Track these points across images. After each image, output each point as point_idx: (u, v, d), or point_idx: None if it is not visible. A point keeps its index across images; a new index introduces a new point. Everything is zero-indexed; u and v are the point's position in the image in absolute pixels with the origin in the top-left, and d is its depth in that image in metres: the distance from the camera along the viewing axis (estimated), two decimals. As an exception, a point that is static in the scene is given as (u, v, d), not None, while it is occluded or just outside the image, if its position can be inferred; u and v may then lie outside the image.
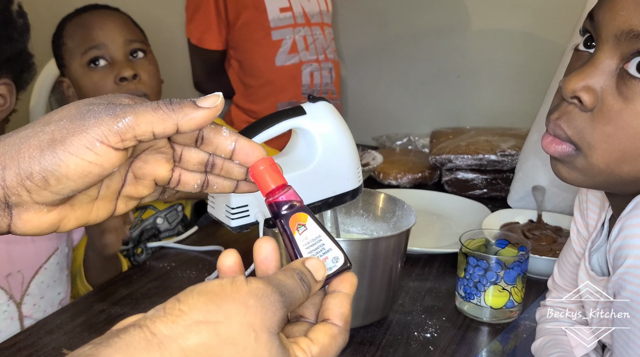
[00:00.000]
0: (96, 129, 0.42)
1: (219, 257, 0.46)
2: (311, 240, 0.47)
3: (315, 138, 0.69)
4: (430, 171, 1.54)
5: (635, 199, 0.57)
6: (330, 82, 1.84)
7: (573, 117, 0.58)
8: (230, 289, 0.40)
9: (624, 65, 0.55)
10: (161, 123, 0.43)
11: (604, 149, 0.57)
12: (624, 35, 0.54)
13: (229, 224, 0.69)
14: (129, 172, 0.49)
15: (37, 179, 0.42)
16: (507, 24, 1.78)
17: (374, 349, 0.88)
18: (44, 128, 0.43)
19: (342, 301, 0.47)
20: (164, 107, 0.44)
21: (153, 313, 0.39)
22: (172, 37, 1.92)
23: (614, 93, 0.56)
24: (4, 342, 0.89)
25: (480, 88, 1.87)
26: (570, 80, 0.57)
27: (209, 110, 0.45)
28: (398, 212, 0.99)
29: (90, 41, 1.21)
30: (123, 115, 0.43)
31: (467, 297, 0.96)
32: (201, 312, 0.39)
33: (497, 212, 1.25)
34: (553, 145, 0.60)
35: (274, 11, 1.71)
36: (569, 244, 0.78)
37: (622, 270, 0.57)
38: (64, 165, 0.42)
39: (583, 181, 0.60)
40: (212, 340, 0.38)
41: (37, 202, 0.44)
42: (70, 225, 0.47)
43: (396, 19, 1.94)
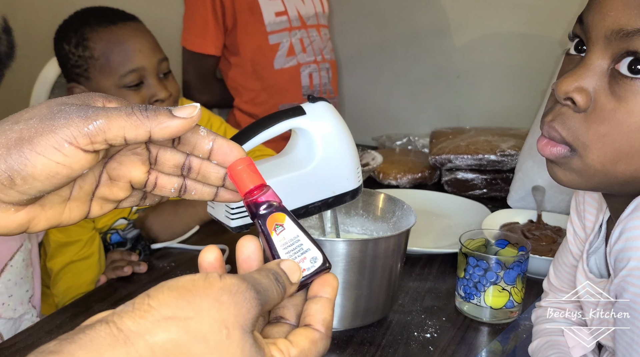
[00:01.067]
0: (65, 129, 0.41)
1: (200, 252, 0.46)
2: (289, 240, 0.47)
3: (315, 138, 0.69)
4: (430, 171, 1.54)
5: (635, 201, 0.57)
6: (328, 81, 1.85)
7: (567, 119, 0.59)
8: (203, 284, 0.39)
9: (615, 65, 0.56)
10: (133, 129, 0.43)
11: (599, 148, 0.57)
12: (614, 35, 0.55)
13: (229, 224, 0.68)
14: (103, 173, 0.48)
15: (2, 178, 0.41)
16: (507, 24, 1.78)
17: (373, 349, 0.88)
18: (13, 126, 0.42)
19: (324, 306, 0.46)
20: (137, 113, 0.43)
21: (122, 309, 0.38)
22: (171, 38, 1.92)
23: (606, 93, 0.56)
24: (4, 342, 0.89)
25: (480, 88, 1.87)
26: (563, 82, 0.58)
27: (184, 121, 0.44)
28: (398, 212, 0.99)
29: (130, 64, 1.19)
30: (95, 117, 0.42)
31: (467, 298, 0.96)
32: (171, 308, 0.38)
33: (497, 212, 1.25)
34: (548, 147, 0.60)
35: (269, 15, 1.72)
36: (565, 245, 0.78)
37: (624, 272, 0.57)
38: (30, 165, 0.41)
39: (580, 182, 0.60)
40: (182, 337, 0.37)
41: (4, 201, 0.43)
42: (41, 226, 0.46)
43: (396, 19, 1.94)
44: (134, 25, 1.23)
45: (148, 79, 1.21)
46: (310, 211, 0.71)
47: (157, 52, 1.23)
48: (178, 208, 1.26)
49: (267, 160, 0.73)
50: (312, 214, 0.72)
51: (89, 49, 1.20)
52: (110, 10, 1.26)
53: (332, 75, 1.86)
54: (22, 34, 2.78)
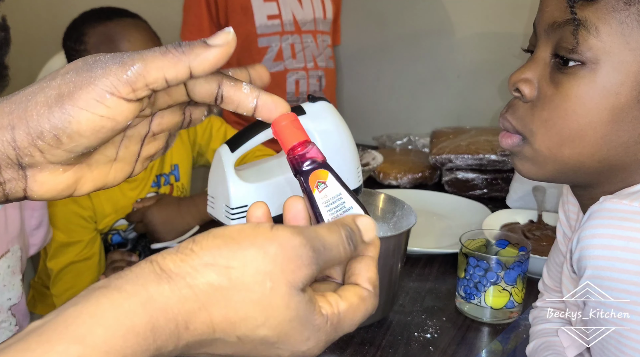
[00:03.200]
0: (104, 80, 0.39)
1: (249, 208, 0.44)
2: (331, 198, 0.45)
3: (315, 138, 0.69)
4: (431, 171, 1.54)
5: (590, 208, 0.58)
6: (319, 89, 1.81)
7: (517, 109, 0.63)
8: (251, 233, 0.38)
9: (555, 53, 0.60)
10: (172, 67, 0.40)
11: (543, 133, 0.61)
12: (550, 27, 0.60)
13: (229, 224, 0.68)
14: (149, 132, 0.47)
15: (48, 138, 0.40)
16: (507, 24, 1.78)
17: (374, 350, 0.88)
18: (50, 83, 0.40)
19: (369, 264, 0.44)
20: (173, 50, 0.41)
21: (167, 250, 0.38)
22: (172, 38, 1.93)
23: (547, 81, 0.60)
24: (3, 342, 0.89)
25: (480, 88, 1.87)
26: (513, 75, 0.63)
27: (221, 48, 0.42)
28: (398, 212, 0.99)
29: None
30: (131, 62, 0.40)
31: (467, 298, 0.95)
32: (212, 255, 0.37)
33: (498, 212, 1.25)
34: (504, 139, 0.65)
35: (261, 18, 1.70)
36: (556, 245, 0.78)
37: (583, 281, 0.58)
38: (74, 122, 0.39)
39: (536, 171, 0.64)
40: (222, 282, 0.36)
41: (51, 161, 0.41)
42: (87, 187, 0.45)
43: (396, 19, 1.94)
44: (130, 21, 1.24)
45: None
46: (310, 210, 0.71)
47: (150, 45, 1.22)
48: (181, 204, 1.26)
49: (267, 160, 0.73)
50: (312, 214, 0.72)
51: (84, 43, 1.22)
52: (113, 9, 1.26)
53: (325, 83, 1.82)
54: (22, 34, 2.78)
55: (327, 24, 1.84)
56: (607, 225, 0.55)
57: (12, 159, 0.41)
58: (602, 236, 0.55)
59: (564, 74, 0.59)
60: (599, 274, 0.56)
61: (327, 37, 1.84)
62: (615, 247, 0.55)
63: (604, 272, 0.56)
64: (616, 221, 0.55)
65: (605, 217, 0.56)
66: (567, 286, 0.69)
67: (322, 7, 1.80)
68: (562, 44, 0.58)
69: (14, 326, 1.03)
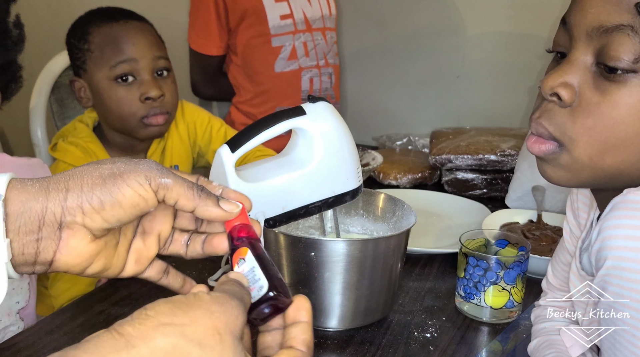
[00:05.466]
0: (147, 173, 0.50)
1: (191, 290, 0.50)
2: (246, 272, 0.51)
3: (315, 138, 0.69)
4: (430, 171, 1.54)
5: (613, 200, 0.57)
6: (330, 86, 1.84)
7: (554, 114, 0.60)
8: (194, 298, 0.44)
9: (598, 60, 0.57)
10: (185, 200, 0.51)
11: (586, 141, 0.58)
12: (594, 31, 0.57)
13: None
14: (139, 226, 0.56)
15: (94, 202, 0.49)
16: (507, 25, 1.78)
17: (374, 349, 0.88)
18: (102, 166, 0.50)
19: (303, 328, 0.49)
20: (195, 190, 0.52)
21: (121, 320, 0.42)
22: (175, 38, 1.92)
23: (590, 87, 0.58)
24: (4, 342, 0.89)
25: (480, 88, 1.87)
26: (548, 78, 0.60)
27: (224, 214, 0.53)
28: (398, 212, 0.99)
29: (121, 55, 1.19)
30: (167, 176, 0.51)
31: (467, 297, 0.96)
32: (167, 316, 0.42)
33: (497, 212, 1.25)
34: (537, 145, 0.62)
35: (274, 18, 1.71)
36: (562, 244, 0.78)
37: (603, 272, 0.58)
38: (120, 194, 0.49)
39: (569, 178, 0.62)
40: (179, 341, 0.41)
41: (87, 226, 0.49)
42: (99, 265, 0.52)
43: (396, 19, 1.94)
44: (136, 24, 1.23)
45: (141, 75, 1.20)
46: (310, 210, 0.71)
47: (155, 49, 1.22)
48: None
49: (267, 160, 0.73)
50: (312, 214, 0.72)
51: (88, 42, 1.22)
52: (120, 11, 1.26)
53: (334, 80, 1.84)
54: (22, 34, 2.74)
55: (333, 20, 1.85)
56: (630, 216, 0.55)
57: (56, 217, 0.48)
58: (625, 227, 0.55)
59: (611, 82, 0.56)
60: (620, 265, 0.56)
61: (334, 34, 1.86)
62: (638, 238, 0.54)
63: (625, 263, 0.55)
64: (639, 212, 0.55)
65: (629, 208, 0.55)
66: (576, 284, 0.69)
67: (327, 3, 1.81)
68: (609, 51, 0.56)
69: (21, 329, 1.03)
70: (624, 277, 0.56)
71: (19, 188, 0.48)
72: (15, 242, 0.48)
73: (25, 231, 0.48)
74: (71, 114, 1.53)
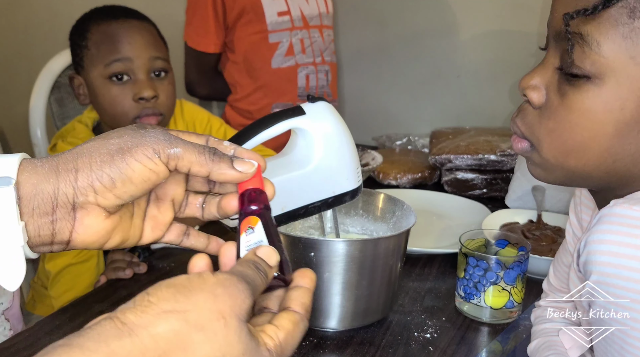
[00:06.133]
0: (155, 146, 0.49)
1: (190, 260, 0.49)
2: (252, 243, 0.50)
3: (315, 138, 0.69)
4: (430, 171, 1.54)
5: (600, 212, 0.57)
6: (327, 84, 1.84)
7: (526, 114, 0.63)
8: (198, 281, 0.43)
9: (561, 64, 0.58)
10: (198, 166, 0.50)
11: (549, 143, 0.60)
12: (557, 35, 0.58)
13: (229, 224, 0.69)
14: (152, 193, 0.55)
15: (105, 181, 0.48)
16: (507, 24, 1.78)
17: (373, 350, 0.88)
18: (109, 141, 0.49)
19: (303, 292, 0.49)
20: (207, 154, 0.51)
21: (123, 306, 0.41)
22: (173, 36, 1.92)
23: (555, 90, 0.59)
24: (3, 342, 0.89)
25: (480, 88, 1.87)
26: (523, 79, 0.62)
27: (240, 175, 0.52)
28: (398, 212, 0.99)
29: (115, 53, 1.18)
30: (176, 145, 0.50)
31: (467, 298, 0.96)
32: (169, 302, 0.41)
33: (497, 212, 1.25)
34: (515, 143, 0.64)
35: (272, 15, 1.72)
36: (564, 246, 0.78)
37: (589, 285, 0.58)
38: (130, 170, 0.48)
39: (545, 176, 0.64)
40: (182, 327, 0.40)
41: (100, 204, 0.49)
42: (116, 239, 0.52)
43: (396, 19, 1.94)
44: (135, 23, 1.23)
45: (136, 75, 1.19)
46: (310, 210, 0.71)
47: (152, 50, 1.21)
48: None
49: (267, 160, 0.73)
50: (312, 214, 0.72)
51: (86, 40, 1.21)
52: (121, 9, 1.26)
53: (331, 78, 1.84)
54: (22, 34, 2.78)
55: (330, 18, 1.85)
56: (615, 231, 0.54)
57: (69, 198, 0.48)
58: (610, 243, 0.54)
59: (570, 86, 0.57)
60: (605, 280, 0.55)
61: (331, 32, 1.86)
62: (623, 255, 0.54)
63: (610, 279, 0.55)
64: (625, 227, 0.54)
65: (615, 222, 0.55)
66: (577, 284, 0.69)
67: (325, 1, 1.82)
68: (564, 56, 0.57)
69: (8, 330, 1.03)
70: (610, 292, 0.56)
71: (30, 170, 0.48)
72: (31, 225, 0.48)
73: (40, 213, 0.48)
74: (71, 114, 1.53)
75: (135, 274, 1.08)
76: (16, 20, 2.50)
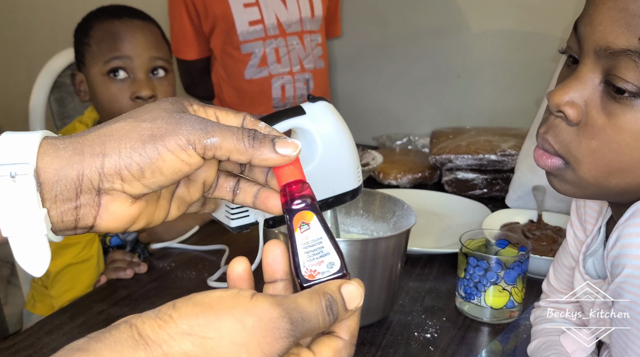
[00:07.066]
0: (190, 136, 0.45)
1: (229, 263, 0.46)
2: (311, 240, 0.46)
3: (315, 138, 0.69)
4: (430, 171, 1.54)
5: (633, 206, 0.56)
6: (307, 92, 1.78)
7: (560, 131, 0.59)
8: (230, 303, 0.39)
9: (606, 80, 0.55)
10: (238, 154, 0.47)
11: (590, 163, 0.57)
12: (602, 51, 0.55)
13: (229, 224, 0.68)
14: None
15: (134, 169, 0.45)
16: (507, 24, 1.78)
17: (374, 350, 0.88)
18: (141, 124, 0.46)
19: (350, 314, 0.44)
20: (246, 140, 0.47)
21: (147, 313, 0.39)
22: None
23: (597, 108, 0.56)
24: (4, 342, 0.89)
25: (480, 88, 1.87)
26: (555, 94, 0.58)
27: (283, 158, 0.47)
28: (398, 212, 0.99)
29: (115, 51, 1.18)
30: (212, 133, 0.46)
31: (467, 298, 0.95)
32: (190, 324, 0.38)
33: (498, 212, 1.25)
34: (543, 159, 0.61)
35: (242, 25, 1.67)
36: (565, 247, 0.78)
37: (620, 279, 0.57)
38: (161, 160, 0.45)
39: (575, 192, 0.61)
40: (197, 353, 0.37)
41: (126, 192, 0.46)
42: (141, 223, 0.49)
43: (396, 19, 1.94)
44: (138, 23, 1.23)
45: (135, 73, 1.19)
46: (310, 210, 0.71)
47: (153, 50, 1.21)
48: None
49: (267, 160, 0.73)
50: (312, 214, 0.72)
51: (88, 37, 1.22)
52: (126, 9, 1.26)
53: (313, 85, 1.79)
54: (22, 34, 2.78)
55: (316, 22, 1.78)
56: None
57: (94, 184, 0.45)
58: None
59: (618, 104, 0.54)
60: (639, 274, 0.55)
61: (316, 36, 1.79)
62: None
63: None
64: None
65: None
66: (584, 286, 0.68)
67: (310, 4, 1.75)
68: (617, 73, 0.53)
69: None
70: None
71: (51, 153, 0.44)
72: (53, 211, 0.45)
73: (63, 199, 0.45)
74: (71, 113, 1.53)
75: (135, 273, 1.08)
76: (16, 20, 2.50)
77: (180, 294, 0.41)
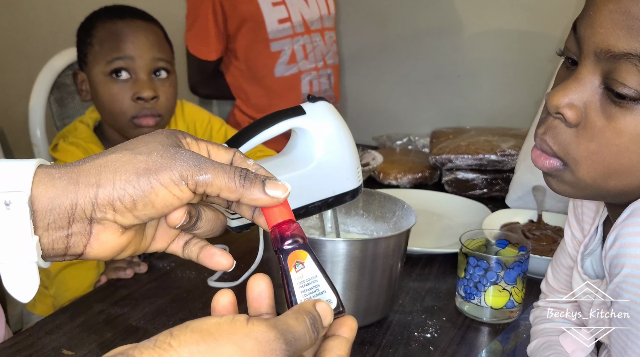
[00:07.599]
0: (183, 171, 0.47)
1: (214, 296, 0.47)
2: (307, 279, 0.47)
3: (315, 138, 0.69)
4: (431, 171, 1.54)
5: (630, 206, 0.56)
6: (329, 88, 1.83)
7: (558, 133, 0.59)
8: (228, 329, 0.39)
9: (606, 83, 0.55)
10: (228, 192, 0.48)
11: (589, 165, 0.57)
12: (602, 54, 0.54)
13: (229, 224, 0.68)
14: None
15: (127, 201, 0.46)
16: (507, 24, 1.78)
17: (374, 350, 0.88)
18: (137, 156, 0.47)
19: (341, 344, 0.46)
20: (237, 179, 0.48)
21: (143, 343, 0.39)
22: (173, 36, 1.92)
23: (597, 110, 0.56)
24: (4, 342, 0.89)
25: (480, 88, 1.87)
26: (554, 95, 0.57)
27: (271, 200, 0.48)
28: (398, 212, 0.99)
29: (118, 51, 1.18)
30: (205, 170, 0.47)
31: (467, 298, 0.95)
32: (190, 351, 0.38)
33: (498, 212, 1.25)
34: (541, 159, 0.61)
35: (272, 23, 1.70)
36: (563, 247, 0.78)
37: (619, 279, 0.57)
38: (153, 193, 0.46)
39: (573, 193, 0.61)
40: None
41: (117, 222, 0.47)
42: (128, 252, 0.51)
43: (396, 19, 1.94)
44: (141, 24, 1.23)
45: (137, 74, 1.20)
46: (310, 210, 0.71)
47: (155, 51, 1.22)
48: None
49: (267, 160, 0.73)
50: (312, 214, 0.72)
51: (91, 37, 1.22)
52: (129, 9, 1.26)
53: (333, 80, 1.84)
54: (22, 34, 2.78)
55: (332, 20, 1.84)
56: None
57: (86, 213, 0.46)
58: None
59: (618, 107, 0.54)
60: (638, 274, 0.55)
61: (332, 33, 1.85)
62: None
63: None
64: None
65: None
66: (580, 284, 0.68)
67: (326, 2, 1.81)
68: (617, 77, 0.53)
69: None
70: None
71: (46, 182, 0.45)
72: (45, 238, 0.46)
73: (55, 227, 0.46)
74: (71, 114, 1.53)
75: (135, 273, 1.08)
76: (16, 20, 2.50)
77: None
